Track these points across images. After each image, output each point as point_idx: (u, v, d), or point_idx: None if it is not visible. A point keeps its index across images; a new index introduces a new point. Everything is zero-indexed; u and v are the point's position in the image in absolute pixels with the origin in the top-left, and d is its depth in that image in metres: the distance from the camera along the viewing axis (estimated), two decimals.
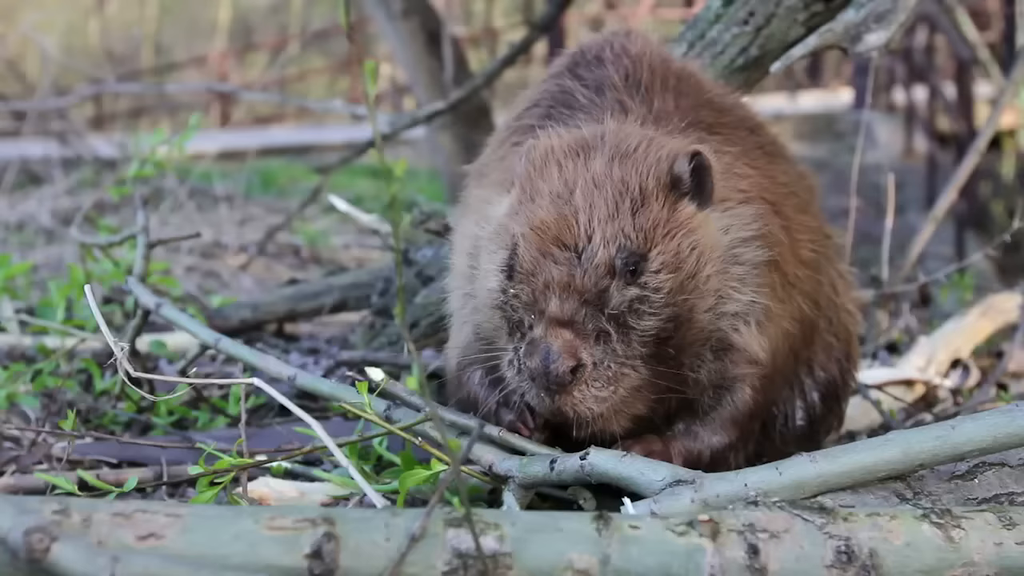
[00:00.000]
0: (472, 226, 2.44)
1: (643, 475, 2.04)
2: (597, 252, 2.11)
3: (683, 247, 2.17)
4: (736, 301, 2.26)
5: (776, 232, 2.36)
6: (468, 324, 2.43)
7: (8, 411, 3.27)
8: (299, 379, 2.45)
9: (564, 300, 2.09)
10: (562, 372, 2.04)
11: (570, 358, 2.04)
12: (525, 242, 2.17)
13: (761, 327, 2.30)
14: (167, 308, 2.87)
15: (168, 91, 10.28)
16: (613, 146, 2.25)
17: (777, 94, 19.48)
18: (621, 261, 2.12)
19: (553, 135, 2.36)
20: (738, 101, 2.78)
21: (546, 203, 2.19)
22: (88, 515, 1.62)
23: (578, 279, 2.10)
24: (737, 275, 2.26)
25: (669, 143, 2.29)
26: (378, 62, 1.60)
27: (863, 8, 2.94)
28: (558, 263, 2.12)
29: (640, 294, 2.12)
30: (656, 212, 2.18)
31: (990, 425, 1.98)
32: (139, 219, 3.38)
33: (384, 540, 1.67)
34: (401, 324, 1.63)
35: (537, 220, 2.18)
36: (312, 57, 25.21)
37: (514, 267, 2.18)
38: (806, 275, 2.46)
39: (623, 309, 2.11)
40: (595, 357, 2.08)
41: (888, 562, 1.81)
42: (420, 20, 7.08)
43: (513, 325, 2.17)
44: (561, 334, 2.06)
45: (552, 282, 2.11)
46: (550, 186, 2.22)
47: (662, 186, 2.20)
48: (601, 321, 2.09)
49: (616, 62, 2.59)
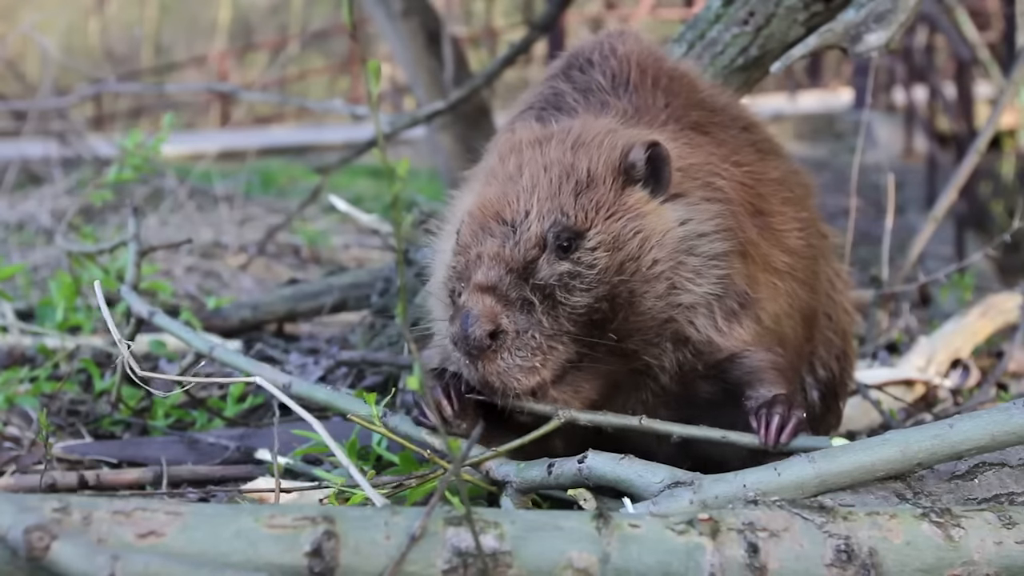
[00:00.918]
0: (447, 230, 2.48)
1: (641, 477, 2.04)
2: (530, 226, 2.16)
3: (626, 230, 2.20)
4: (690, 292, 2.25)
5: (747, 227, 2.36)
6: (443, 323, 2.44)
7: (8, 411, 3.27)
8: (295, 387, 2.43)
9: (490, 268, 2.13)
10: (479, 335, 2.05)
11: (488, 322, 2.06)
12: (468, 219, 2.24)
13: (735, 316, 2.29)
14: (160, 317, 2.87)
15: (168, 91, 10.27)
16: (575, 137, 2.30)
17: (777, 94, 19.49)
18: (553, 235, 2.15)
19: (526, 128, 2.41)
20: (732, 100, 2.79)
21: (496, 184, 2.26)
22: (88, 513, 1.62)
23: (507, 250, 2.15)
24: (692, 266, 2.25)
25: (632, 134, 2.32)
26: (379, 62, 1.60)
27: (863, 8, 2.94)
28: (493, 236, 2.17)
29: (572, 269, 2.14)
30: (601, 194, 2.22)
31: (988, 424, 1.98)
32: (131, 226, 3.38)
33: (384, 538, 1.68)
34: (402, 324, 1.63)
35: (484, 199, 2.24)
36: (312, 57, 25.22)
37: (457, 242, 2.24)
38: (797, 263, 2.46)
39: (552, 282, 2.13)
40: (517, 325, 2.09)
41: (888, 561, 1.81)
42: (420, 20, 7.08)
43: (451, 298, 2.21)
44: (482, 299, 2.09)
45: (484, 253, 2.16)
46: (506, 169, 2.28)
47: (611, 171, 2.24)
48: (525, 291, 2.11)
49: (603, 63, 2.61)
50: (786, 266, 2.42)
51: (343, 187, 11.14)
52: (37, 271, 5.56)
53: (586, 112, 2.52)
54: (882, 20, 2.92)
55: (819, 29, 3.00)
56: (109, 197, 4.26)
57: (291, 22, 27.96)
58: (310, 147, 15.52)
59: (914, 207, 12.95)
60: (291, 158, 14.34)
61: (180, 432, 3.10)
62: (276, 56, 23.55)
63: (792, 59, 3.00)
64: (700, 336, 2.27)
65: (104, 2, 27.35)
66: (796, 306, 2.44)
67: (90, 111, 20.81)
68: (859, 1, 2.96)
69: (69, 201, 7.81)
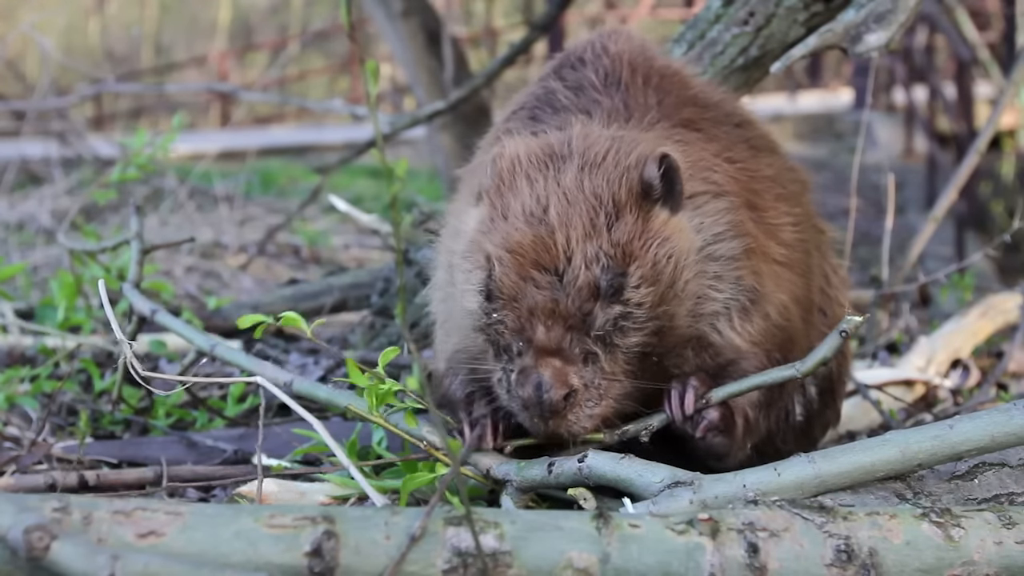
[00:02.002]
0: (448, 239, 2.45)
1: (641, 477, 2.05)
2: (579, 274, 2.10)
3: (660, 257, 2.16)
4: (714, 300, 2.26)
5: (747, 220, 2.36)
6: (452, 335, 2.44)
7: (8, 411, 3.27)
8: (296, 385, 2.43)
9: (550, 328, 2.09)
10: (556, 400, 2.05)
11: (562, 386, 2.06)
12: (502, 265, 2.14)
13: (747, 312, 2.30)
14: (162, 315, 2.87)
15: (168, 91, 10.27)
16: (581, 154, 2.22)
17: (777, 94, 19.50)
18: (605, 282, 2.11)
19: (519, 142, 2.32)
20: (725, 97, 2.78)
21: (520, 223, 2.16)
22: (88, 513, 1.62)
23: (562, 304, 2.09)
24: (714, 272, 2.26)
25: (637, 145, 2.27)
26: (378, 62, 1.60)
27: (863, 8, 2.94)
28: (540, 287, 2.11)
29: (623, 311, 2.12)
30: (631, 225, 2.16)
31: (988, 424, 1.98)
32: (133, 225, 3.37)
33: (384, 538, 1.68)
34: (402, 324, 1.63)
35: (513, 241, 2.15)
36: (312, 57, 25.22)
37: (492, 290, 2.16)
38: (793, 256, 2.47)
39: (608, 328, 2.11)
40: (585, 379, 2.09)
41: (888, 561, 1.81)
42: (420, 20, 7.08)
43: (499, 348, 2.17)
44: (551, 363, 2.07)
45: (536, 308, 2.10)
46: (522, 202, 2.19)
47: (635, 196, 2.18)
48: (588, 344, 2.10)
49: (596, 62, 2.60)
50: (783, 257, 2.43)
51: (343, 187, 11.14)
52: (37, 271, 5.56)
53: (577, 111, 2.51)
54: (882, 20, 2.92)
55: (819, 29, 3.00)
56: (114, 195, 4.26)
57: (291, 22, 27.96)
58: (310, 147, 15.52)
59: (914, 207, 12.96)
60: (291, 158, 14.35)
61: (180, 432, 3.10)
62: (276, 56, 23.55)
63: (792, 59, 3.00)
64: (722, 340, 2.29)
65: (104, 2, 27.35)
66: (797, 297, 2.45)
67: (90, 111, 20.81)
68: (859, 1, 2.96)
69: (69, 201, 7.82)
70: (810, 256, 2.58)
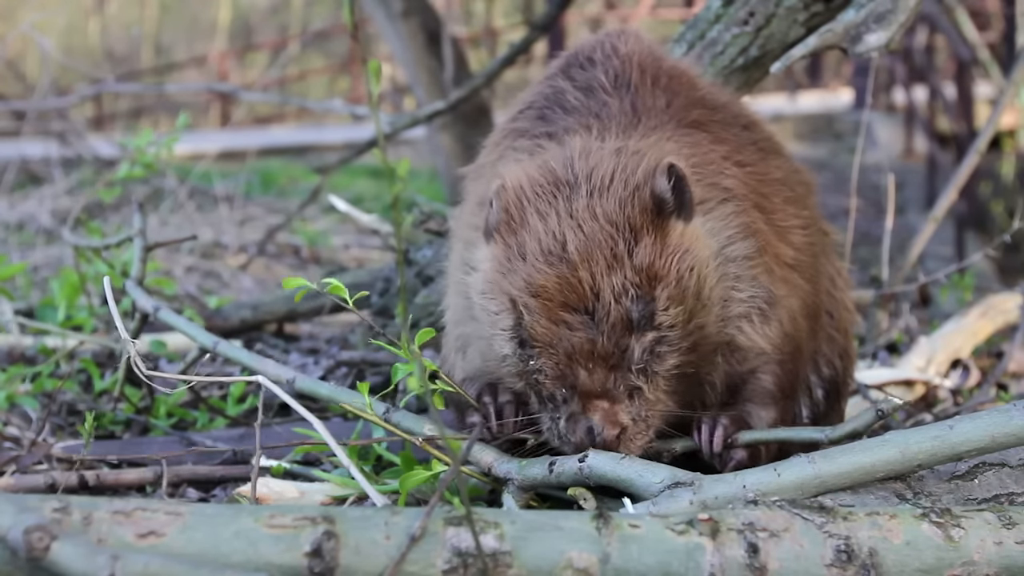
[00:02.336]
0: (457, 268, 2.44)
1: (641, 477, 2.05)
2: (610, 311, 2.08)
3: (683, 271, 2.15)
4: (738, 302, 2.27)
5: (759, 223, 2.37)
6: (472, 358, 2.43)
7: (8, 411, 3.27)
8: (298, 382, 2.44)
9: (592, 371, 2.09)
10: (610, 441, 2.08)
11: (614, 427, 2.08)
12: (530, 312, 2.12)
13: (765, 315, 2.32)
14: (165, 312, 2.87)
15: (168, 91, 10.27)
16: (587, 178, 2.19)
17: (777, 94, 19.50)
18: (636, 313, 2.09)
19: (518, 171, 2.28)
20: (732, 98, 2.78)
21: (541, 263, 2.13)
22: (88, 513, 1.62)
23: (599, 344, 2.08)
24: (734, 273, 2.27)
25: (642, 159, 2.23)
26: (379, 62, 1.60)
27: (863, 8, 2.94)
28: (573, 329, 2.09)
29: (657, 336, 2.11)
30: (650, 246, 2.13)
31: (988, 425, 1.98)
32: (136, 222, 3.37)
33: (384, 538, 1.68)
34: (402, 324, 1.63)
35: (537, 285, 2.12)
36: (312, 57, 25.22)
37: (525, 338, 2.14)
38: (802, 259, 2.47)
39: (646, 359, 2.11)
40: (632, 414, 2.11)
41: (888, 561, 1.81)
42: (420, 20, 7.08)
43: (543, 397, 2.18)
44: (599, 406, 2.09)
45: (574, 352, 2.09)
46: (538, 239, 2.15)
47: (649, 215, 2.15)
48: (631, 379, 2.11)
49: (606, 62, 2.60)
50: (793, 261, 2.44)
51: (343, 187, 11.14)
52: (37, 271, 5.56)
53: (587, 111, 2.51)
54: (882, 20, 2.92)
55: (819, 29, 3.00)
56: (118, 193, 4.26)
57: (291, 22, 27.97)
58: (310, 147, 15.52)
59: (914, 207, 12.96)
60: (291, 158, 14.35)
61: (180, 432, 3.10)
62: (276, 56, 23.55)
63: (792, 59, 3.00)
64: (748, 342, 2.30)
65: (104, 2, 27.36)
66: (804, 302, 2.45)
67: (90, 111, 20.82)
68: (859, 1, 2.96)
69: (69, 201, 7.82)
70: (817, 259, 2.58)
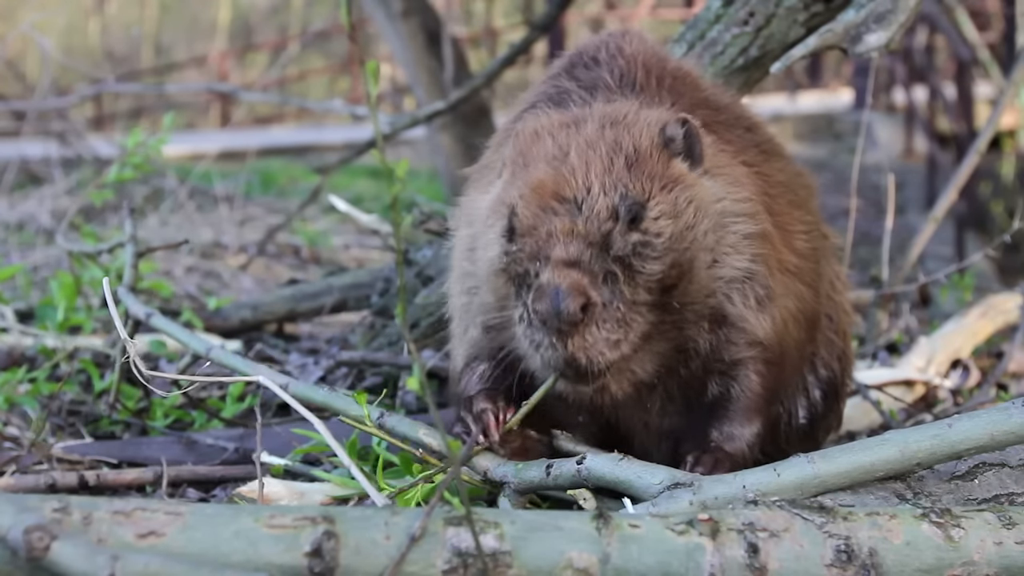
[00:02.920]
0: (467, 227, 2.45)
1: (640, 478, 2.04)
2: (597, 200, 2.13)
3: (680, 199, 2.19)
4: (730, 267, 2.26)
5: (767, 225, 2.37)
6: (473, 324, 2.42)
7: (8, 411, 3.27)
8: (292, 388, 2.43)
9: (568, 244, 2.10)
10: (572, 310, 2.01)
11: (579, 295, 2.02)
12: (524, 202, 2.18)
13: (762, 304, 2.31)
14: (157, 318, 2.87)
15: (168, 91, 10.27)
16: (602, 116, 2.29)
17: (777, 94, 19.50)
18: (624, 208, 2.13)
19: (541, 116, 2.39)
20: (734, 100, 2.79)
21: (542, 166, 2.22)
22: (88, 513, 1.62)
23: (581, 225, 2.11)
24: (730, 242, 2.27)
25: (657, 113, 2.34)
26: (378, 62, 1.60)
27: (863, 8, 2.94)
28: (559, 214, 2.14)
29: (643, 239, 2.13)
30: (651, 167, 2.20)
31: (987, 423, 1.98)
32: (127, 228, 3.37)
33: (384, 539, 1.68)
34: (401, 324, 1.63)
35: (535, 180, 2.19)
36: (312, 57, 25.21)
37: (515, 228, 2.19)
38: (804, 265, 2.47)
39: (627, 252, 2.11)
40: (603, 297, 2.06)
41: (888, 561, 1.81)
42: (420, 20, 7.08)
43: (519, 280, 2.15)
44: (568, 274, 2.05)
45: (555, 231, 2.12)
46: (544, 152, 2.25)
47: (655, 144, 2.24)
48: (607, 262, 2.09)
49: (611, 62, 2.61)
50: (795, 267, 2.44)
51: (343, 187, 11.14)
52: (37, 271, 5.56)
53: None
54: (882, 20, 2.92)
55: (819, 29, 3.00)
56: (110, 196, 4.26)
57: (291, 22, 27.96)
58: (310, 147, 15.52)
59: (914, 207, 12.96)
60: (291, 158, 14.34)
61: (179, 433, 3.10)
62: (276, 56, 23.55)
63: (792, 59, 3.00)
64: (736, 311, 2.28)
65: (104, 2, 27.36)
66: (802, 308, 2.45)
67: (90, 111, 20.82)
68: (859, 1, 2.96)
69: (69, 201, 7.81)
70: (819, 264, 2.58)
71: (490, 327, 2.32)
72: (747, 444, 2.34)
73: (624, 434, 2.39)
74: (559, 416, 2.34)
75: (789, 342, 2.41)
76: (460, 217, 2.60)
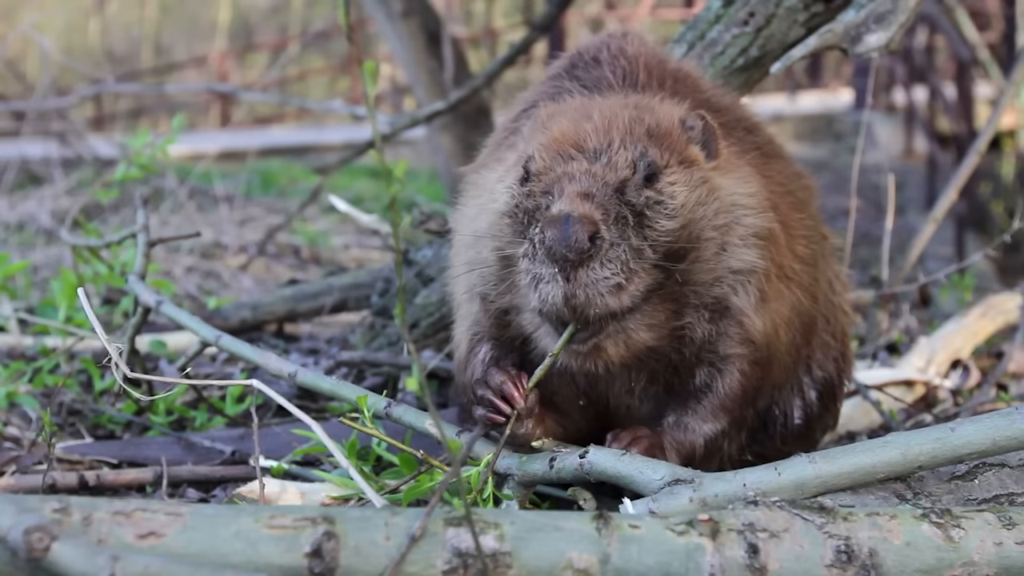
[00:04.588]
0: (473, 207, 2.44)
1: (642, 474, 2.05)
2: (617, 152, 2.16)
3: (695, 177, 2.23)
4: (737, 258, 2.26)
5: (774, 225, 2.37)
6: (475, 297, 2.38)
7: (8, 411, 3.27)
8: (300, 376, 2.45)
9: (583, 180, 2.11)
10: (581, 237, 1.99)
11: (589, 224, 2.01)
12: (544, 149, 2.20)
13: (759, 303, 2.31)
14: (167, 306, 2.87)
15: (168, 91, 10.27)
16: (625, 98, 2.38)
17: (777, 94, 19.49)
18: (642, 164, 2.16)
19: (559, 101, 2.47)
20: (735, 101, 2.79)
21: (564, 122, 2.26)
22: (88, 514, 1.62)
23: (599, 168, 2.14)
24: (739, 234, 2.28)
25: (676, 107, 2.40)
26: (378, 62, 1.60)
27: (863, 9, 2.94)
28: (577, 160, 2.16)
29: (657, 197, 2.15)
30: (671, 141, 2.25)
31: (989, 428, 1.98)
32: (139, 217, 3.37)
33: (384, 539, 1.68)
34: (401, 324, 1.63)
35: (555, 132, 2.23)
36: (312, 57, 25.22)
37: (529, 172, 2.20)
38: (803, 270, 2.47)
39: (641, 203, 2.12)
40: (612, 236, 2.05)
41: (888, 561, 1.81)
42: (420, 20, 7.08)
43: (528, 217, 2.13)
44: (581, 204, 2.05)
45: (572, 171, 2.14)
46: (566, 112, 2.30)
47: (675, 127, 2.29)
48: (620, 206, 2.10)
49: (612, 63, 2.61)
50: (794, 273, 2.43)
51: (343, 187, 11.13)
52: (37, 271, 5.56)
53: None
54: (882, 21, 2.92)
55: (819, 30, 3.00)
56: (116, 194, 4.26)
57: (291, 23, 27.95)
58: (310, 147, 15.50)
59: (914, 207, 12.95)
60: (291, 158, 14.33)
61: (179, 433, 3.10)
62: (276, 56, 23.55)
63: (792, 60, 3.00)
64: (739, 305, 2.27)
65: (104, 2, 27.35)
66: (796, 313, 2.44)
67: (90, 111, 20.81)
68: (859, 2, 2.96)
69: (69, 201, 7.81)
70: (817, 268, 2.58)
71: (490, 299, 2.29)
72: (703, 439, 2.33)
73: (610, 421, 2.39)
74: (559, 402, 2.34)
75: (778, 347, 2.40)
76: (464, 200, 2.58)
